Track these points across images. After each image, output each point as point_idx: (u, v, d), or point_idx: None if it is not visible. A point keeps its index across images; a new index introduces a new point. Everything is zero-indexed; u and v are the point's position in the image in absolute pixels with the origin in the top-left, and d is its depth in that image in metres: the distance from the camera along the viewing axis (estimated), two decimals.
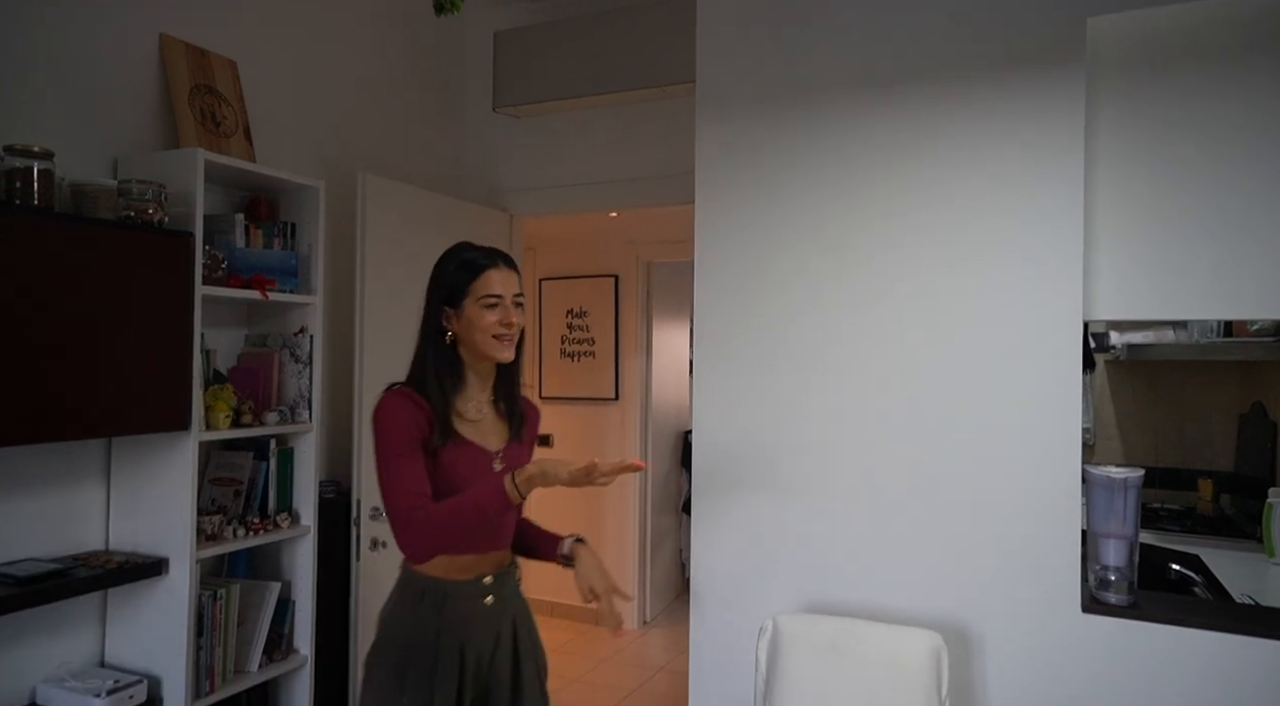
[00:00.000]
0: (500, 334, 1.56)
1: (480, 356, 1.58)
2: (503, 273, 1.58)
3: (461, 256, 1.60)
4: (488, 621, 1.57)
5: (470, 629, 1.54)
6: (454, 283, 1.57)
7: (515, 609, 1.64)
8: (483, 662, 1.56)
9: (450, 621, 1.53)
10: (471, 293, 1.56)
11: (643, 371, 4.77)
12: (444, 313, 1.58)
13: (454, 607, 1.53)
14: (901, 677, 1.63)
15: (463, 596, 1.55)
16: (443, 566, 1.55)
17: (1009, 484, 1.80)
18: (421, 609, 1.53)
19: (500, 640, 1.59)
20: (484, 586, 1.57)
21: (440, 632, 1.52)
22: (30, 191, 1.68)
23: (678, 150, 3.07)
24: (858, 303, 1.97)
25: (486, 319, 1.55)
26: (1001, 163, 1.84)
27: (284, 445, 2.36)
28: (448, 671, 1.50)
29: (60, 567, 1.83)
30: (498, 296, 1.56)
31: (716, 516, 2.12)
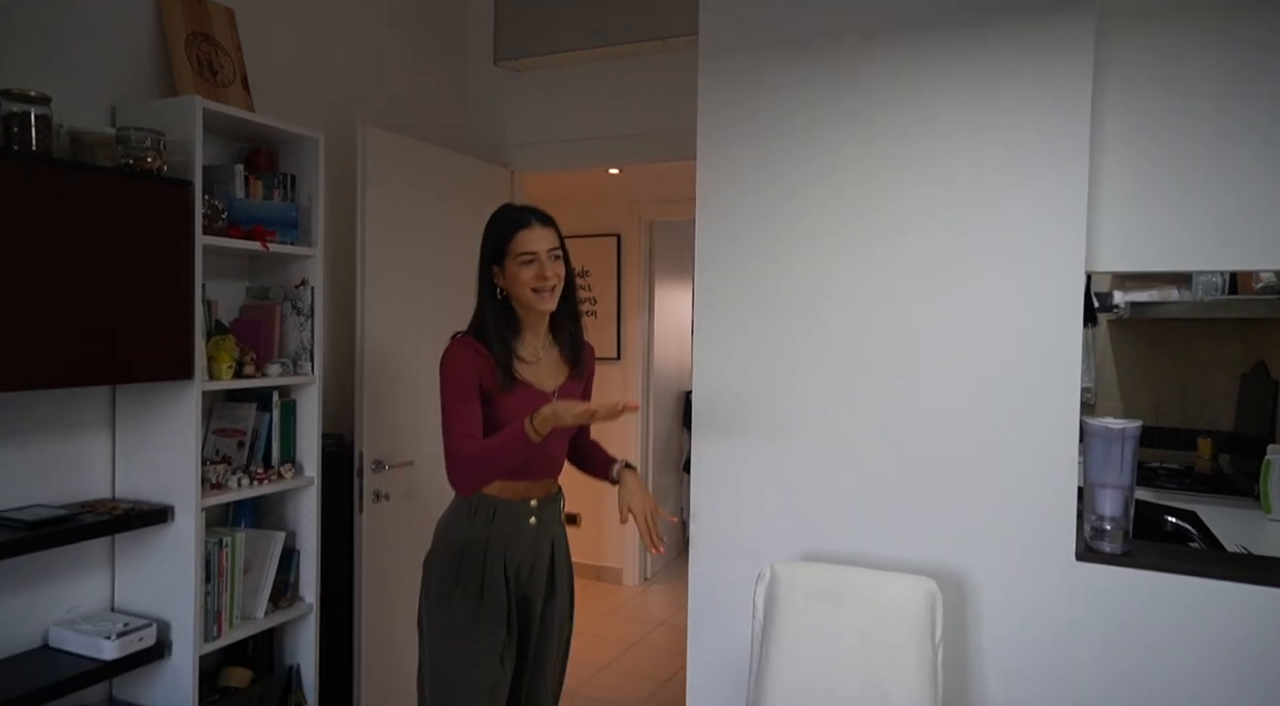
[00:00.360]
0: (538, 288, 1.74)
1: (526, 307, 1.78)
2: (535, 230, 1.76)
3: (499, 218, 1.81)
4: (530, 537, 1.80)
5: (514, 540, 1.78)
6: (495, 243, 1.78)
7: (555, 532, 1.88)
8: (523, 571, 1.80)
9: (497, 532, 1.76)
10: (510, 251, 1.75)
11: (645, 331, 4.77)
12: (493, 270, 1.79)
13: (501, 522, 1.77)
14: (896, 622, 1.66)
15: (510, 514, 1.78)
16: (497, 487, 1.78)
17: (1007, 435, 1.81)
18: (474, 520, 1.76)
19: (539, 556, 1.82)
20: (530, 507, 1.81)
21: (489, 540, 1.75)
22: (28, 137, 1.66)
23: (680, 105, 3.02)
24: (857, 253, 1.96)
25: (524, 275, 1.74)
26: (1007, 114, 1.81)
27: (286, 397, 2.37)
28: (495, 569, 1.75)
29: (67, 514, 1.86)
30: (532, 253, 1.74)
31: (715, 467, 2.14)
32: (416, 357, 2.75)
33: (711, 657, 2.12)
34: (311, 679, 2.37)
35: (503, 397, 1.74)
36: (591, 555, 4.74)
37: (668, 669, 3.60)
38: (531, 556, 1.82)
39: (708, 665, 2.13)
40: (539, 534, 1.83)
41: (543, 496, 1.84)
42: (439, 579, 1.77)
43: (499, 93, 3.36)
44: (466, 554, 1.75)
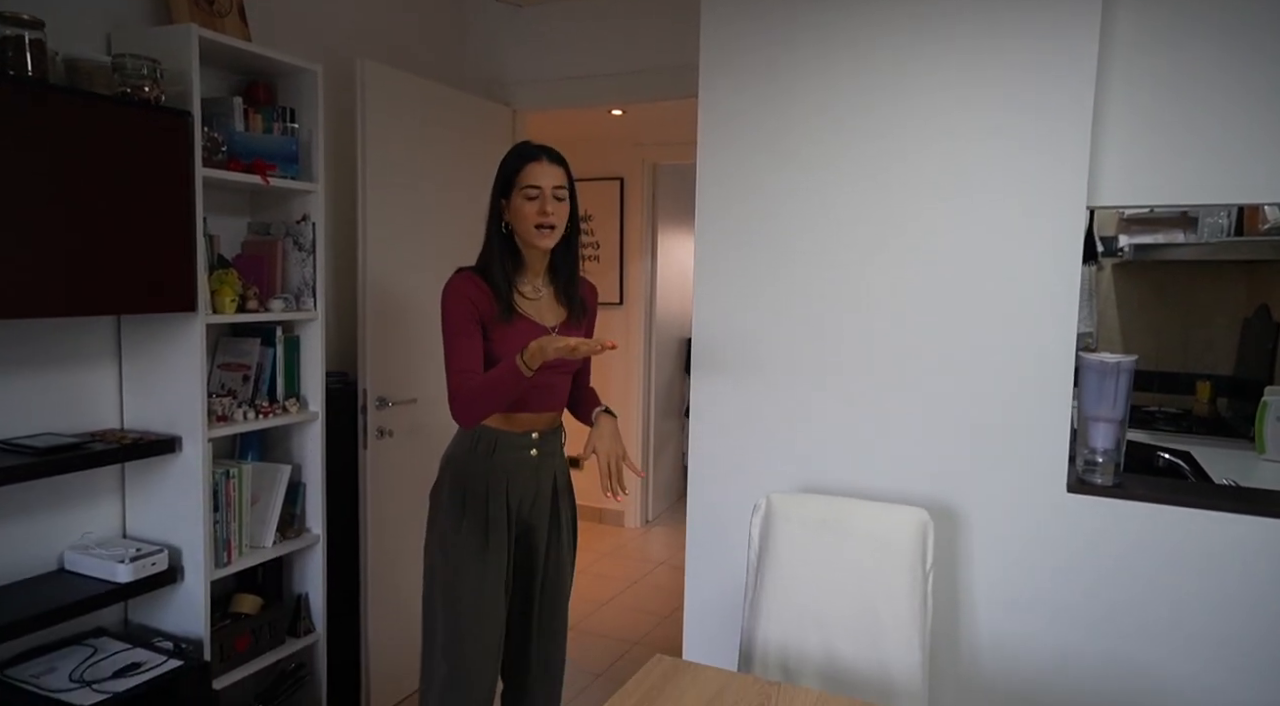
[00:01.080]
0: (539, 224, 1.74)
1: (528, 244, 1.78)
2: (544, 165, 1.75)
3: (512, 152, 1.80)
4: (531, 469, 1.84)
5: (516, 472, 1.82)
6: (505, 176, 1.78)
7: (556, 465, 1.91)
8: (525, 502, 1.84)
9: (499, 464, 1.80)
10: (517, 184, 1.75)
11: (647, 277, 4.77)
12: (500, 204, 1.79)
13: (503, 454, 1.80)
14: (887, 551, 1.70)
15: (511, 446, 1.81)
16: (498, 420, 1.81)
17: (1002, 369, 1.82)
18: (476, 452, 1.80)
19: (541, 487, 1.86)
20: (531, 440, 1.84)
21: (491, 471, 1.79)
22: (23, 62, 1.65)
23: (683, 42, 2.98)
24: (855, 188, 1.95)
25: (527, 208, 1.74)
26: (1011, 46, 1.78)
27: (290, 333, 2.39)
28: (498, 500, 1.79)
29: (77, 441, 1.90)
30: (537, 188, 1.73)
31: (714, 402, 2.16)
32: (419, 295, 2.77)
33: (708, 587, 2.18)
34: (319, 606, 2.44)
35: (502, 330, 1.76)
36: (594, 497, 4.81)
37: (667, 605, 3.69)
38: (534, 487, 1.85)
39: (704, 595, 2.19)
40: (540, 466, 1.85)
41: (544, 429, 1.86)
42: (446, 511, 1.81)
43: (500, 29, 3.30)
44: (470, 486, 1.79)
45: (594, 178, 4.73)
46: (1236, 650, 1.67)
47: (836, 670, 1.69)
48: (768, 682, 1.44)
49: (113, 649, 1.97)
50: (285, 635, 2.38)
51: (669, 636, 3.37)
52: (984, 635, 1.87)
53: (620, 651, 3.24)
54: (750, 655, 1.77)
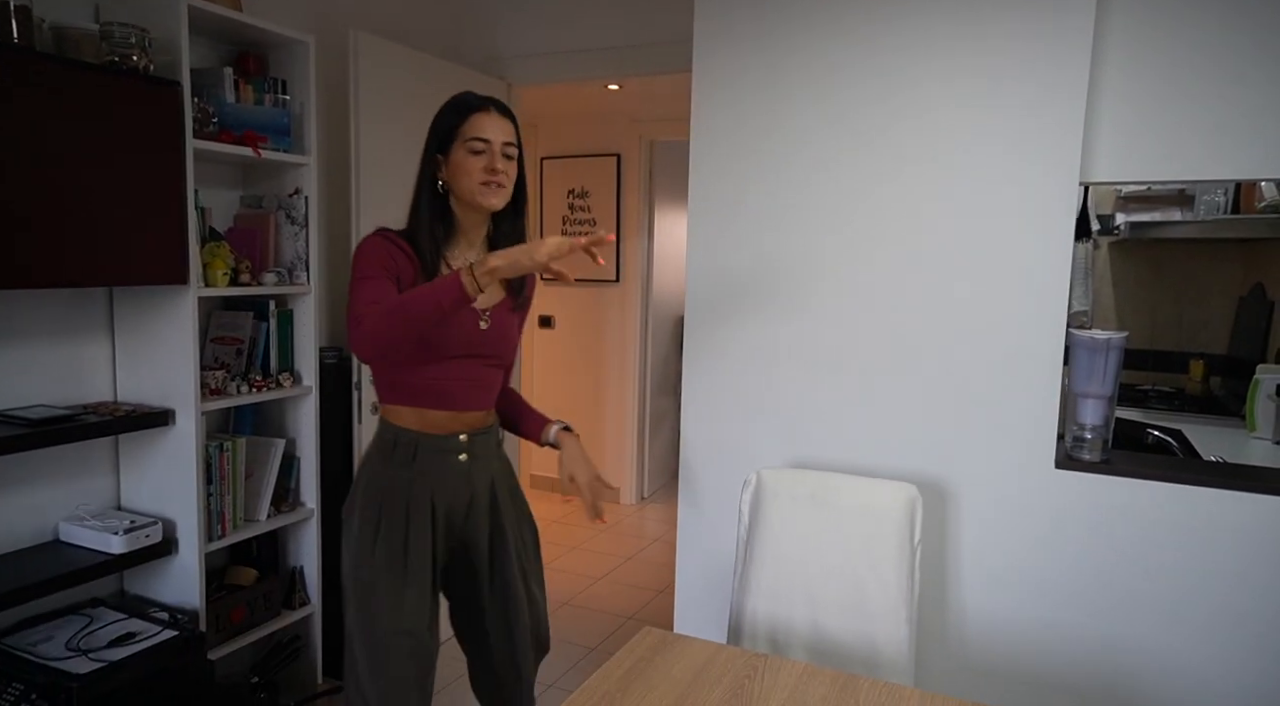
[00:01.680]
0: (486, 181, 1.50)
1: (470, 206, 1.54)
2: (493, 117, 1.52)
3: (452, 101, 1.55)
4: (461, 477, 1.57)
5: (442, 482, 1.55)
6: (445, 127, 1.53)
7: (494, 469, 1.63)
8: (455, 518, 1.58)
9: (421, 472, 1.53)
10: (459, 136, 1.51)
11: (644, 254, 4.75)
12: (436, 161, 1.55)
13: (425, 460, 1.54)
14: (876, 525, 1.71)
15: (434, 450, 1.55)
16: (416, 420, 1.55)
17: (992, 345, 1.82)
18: (394, 459, 1.54)
19: (475, 499, 1.59)
20: (458, 442, 1.57)
21: (412, 482, 1.53)
22: (8, 28, 1.63)
23: (680, 16, 2.95)
24: (845, 161, 1.94)
25: (472, 163, 1.50)
26: (1008, 18, 1.76)
27: (283, 307, 2.39)
28: (420, 522, 1.52)
29: (70, 413, 1.90)
30: (484, 141, 1.50)
31: (705, 378, 2.16)
32: None
33: (699, 562, 2.19)
34: (314, 579, 2.46)
35: None
36: None
37: (661, 581, 3.72)
38: (466, 497, 1.58)
39: (696, 569, 2.20)
40: (472, 471, 1.58)
41: (474, 429, 1.59)
42: (360, 527, 1.53)
43: (495, 2, 3.26)
44: (387, 499, 1.52)
45: (591, 154, 4.71)
46: (1222, 625, 1.69)
47: (824, 643, 1.70)
48: (755, 655, 1.46)
49: (109, 618, 1.98)
50: (280, 607, 2.40)
51: (663, 611, 3.40)
52: (970, 609, 1.89)
53: (614, 626, 3.28)
54: (739, 628, 1.78)
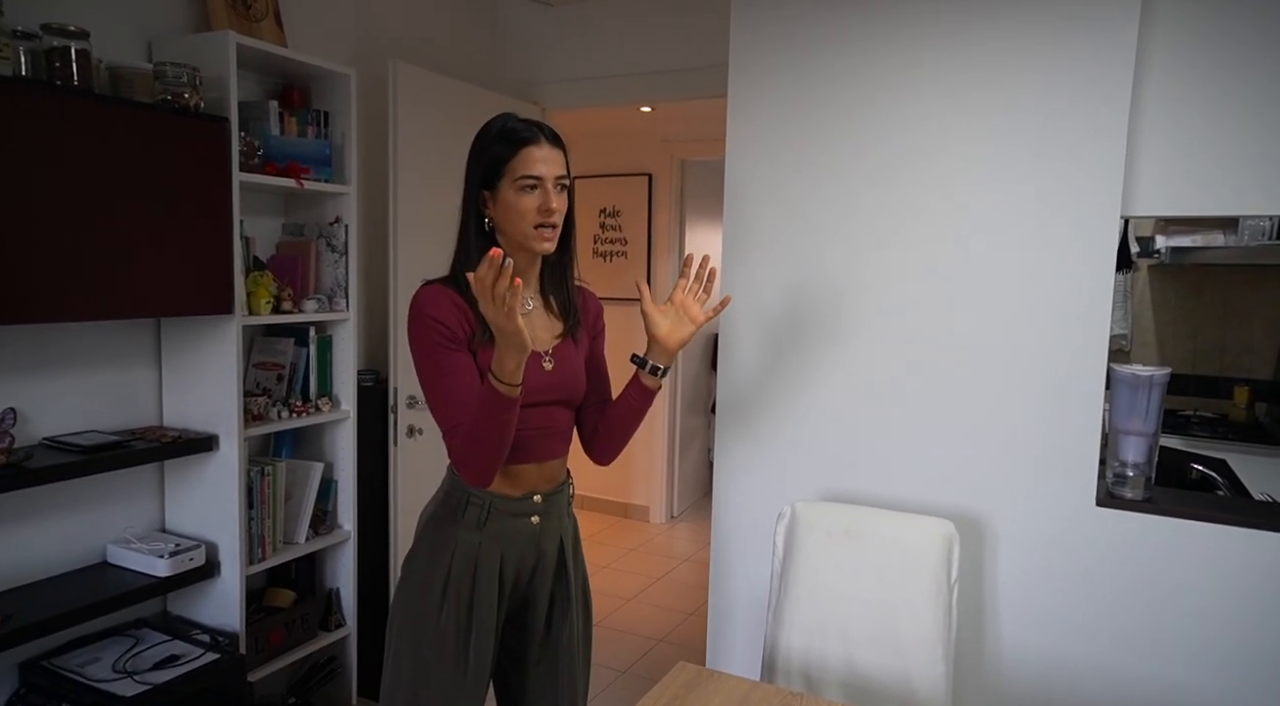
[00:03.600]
0: (542, 222, 1.39)
1: (519, 247, 1.43)
2: (544, 149, 1.39)
3: (499, 128, 1.41)
4: (532, 541, 1.48)
5: (512, 545, 1.47)
6: (490, 161, 1.40)
7: (563, 526, 1.54)
8: (521, 579, 1.50)
9: (491, 536, 1.45)
10: (508, 173, 1.38)
11: (675, 272, 4.77)
12: (481, 197, 1.43)
13: (497, 523, 1.45)
14: (912, 562, 1.70)
15: (508, 513, 1.46)
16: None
17: (1032, 379, 1.80)
18: (464, 521, 1.45)
19: (544, 554, 1.50)
20: (532, 504, 1.48)
21: (480, 546, 1.44)
22: (69, 72, 1.69)
23: (715, 41, 2.97)
24: (883, 189, 1.94)
25: (524, 204, 1.38)
26: (1049, 50, 1.75)
27: (323, 333, 2.44)
28: (488, 587, 1.44)
29: (120, 439, 1.95)
30: (536, 178, 1.37)
31: (739, 407, 2.17)
32: None
33: (732, 593, 2.19)
34: (350, 601, 2.49)
35: (483, 356, 1.37)
36: (619, 493, 4.85)
37: (692, 602, 3.71)
38: (534, 557, 1.50)
39: (728, 600, 2.20)
40: (543, 532, 1.50)
41: (547, 488, 1.50)
42: (422, 588, 1.44)
43: (530, 28, 3.31)
44: (455, 561, 1.43)
45: (622, 173, 4.74)
46: (1269, 671, 1.64)
47: (859, 680, 1.69)
48: (790, 693, 1.45)
49: (153, 640, 2.03)
50: (317, 629, 2.44)
51: (693, 634, 3.39)
52: (1009, 648, 1.86)
53: (644, 648, 3.27)
54: (773, 663, 1.78)
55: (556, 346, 1.50)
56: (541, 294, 1.53)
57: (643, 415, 1.55)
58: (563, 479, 1.55)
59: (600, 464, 1.59)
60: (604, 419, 1.55)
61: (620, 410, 1.54)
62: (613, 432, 1.55)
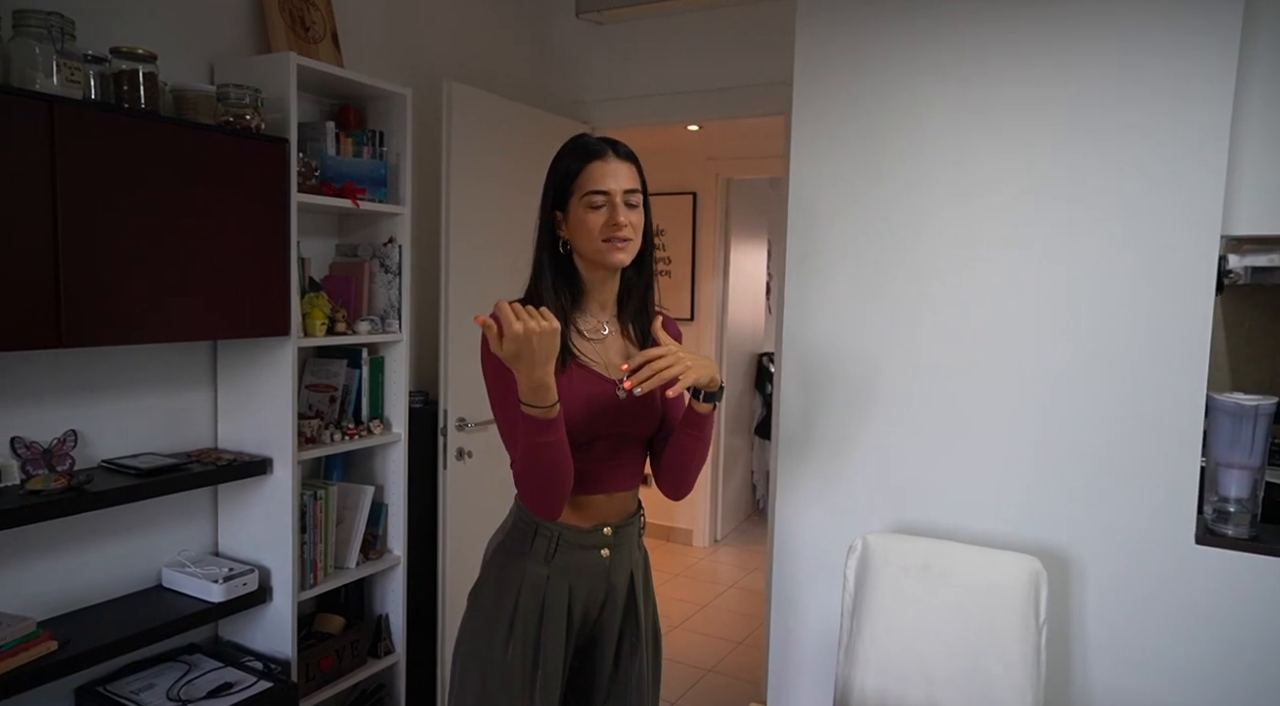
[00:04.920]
0: (610, 236, 1.35)
1: (593, 265, 1.40)
2: (611, 164, 1.37)
3: (569, 147, 1.41)
4: (601, 574, 1.43)
5: (581, 579, 1.41)
6: (560, 180, 1.40)
7: (634, 562, 1.48)
8: (590, 615, 1.44)
9: (559, 569, 1.40)
10: (577, 190, 1.37)
11: (719, 292, 4.71)
12: (555, 218, 1.41)
13: (565, 556, 1.40)
14: (997, 601, 1.60)
15: (577, 546, 1.40)
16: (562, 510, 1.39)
17: (1123, 407, 1.71)
18: (531, 553, 1.40)
19: (614, 589, 1.45)
20: (603, 537, 1.42)
21: (548, 579, 1.39)
22: (137, 94, 1.69)
23: (768, 59, 2.93)
24: (962, 208, 1.86)
25: (592, 220, 1.35)
26: (1141, 63, 1.67)
27: (375, 354, 2.41)
28: (556, 623, 1.39)
29: (176, 462, 1.94)
30: (603, 193, 1.35)
31: (800, 432, 2.09)
32: None
33: (795, 628, 2.10)
34: (400, 627, 2.45)
35: (562, 381, 1.32)
36: (663, 516, 4.77)
37: (740, 631, 3.62)
38: (603, 593, 1.44)
39: (791, 636, 2.11)
40: (613, 565, 1.44)
41: (618, 520, 1.44)
42: (488, 623, 1.41)
43: (579, 46, 3.30)
44: (523, 595, 1.39)
45: (667, 192, 4.70)
46: None
47: None
48: None
49: (206, 667, 2.00)
50: (367, 656, 2.39)
51: (744, 665, 3.29)
52: (1100, 693, 1.75)
53: (694, 678, 3.18)
54: (846, 703, 1.69)
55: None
56: (619, 319, 1.47)
57: (702, 443, 1.43)
58: (634, 510, 1.50)
59: (670, 499, 1.52)
60: (667, 451, 1.47)
61: (677, 438, 1.44)
62: (676, 465, 1.46)
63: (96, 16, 1.82)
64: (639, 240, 1.40)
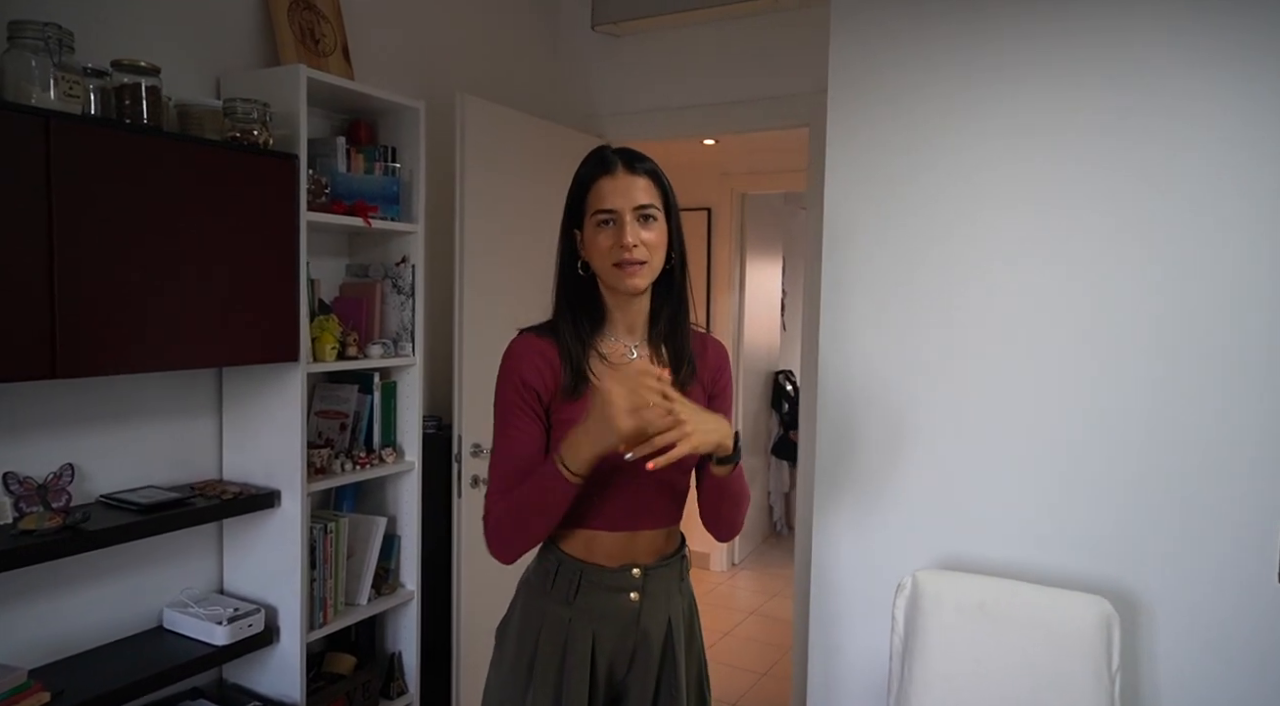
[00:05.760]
0: (620, 260, 1.25)
1: (610, 288, 1.30)
2: (620, 179, 1.26)
3: (583, 162, 1.32)
4: (629, 621, 1.30)
5: (606, 625, 1.29)
6: (573, 198, 1.31)
7: (672, 608, 1.33)
8: (618, 666, 1.31)
9: (582, 611, 1.29)
10: (588, 208, 1.28)
11: (735, 309, 4.61)
12: (574, 237, 1.32)
13: (588, 597, 1.29)
14: (1064, 646, 1.48)
15: (600, 586, 1.29)
16: (583, 546, 1.30)
17: (1198, 432, 1.58)
18: (552, 592, 1.31)
19: (644, 645, 1.31)
20: (630, 578, 1.30)
21: (571, 622, 1.29)
22: (139, 110, 1.60)
23: (787, 70, 2.83)
24: (1017, 219, 1.75)
25: (600, 241, 1.26)
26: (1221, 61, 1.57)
27: (387, 379, 2.31)
28: (578, 672, 1.27)
29: (179, 496, 1.83)
30: (609, 211, 1.25)
31: (839, 458, 1.97)
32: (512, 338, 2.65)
33: (837, 670, 1.97)
34: (413, 666, 2.33)
35: (570, 410, 1.26)
36: None
37: (763, 662, 3.48)
38: (632, 643, 1.30)
39: (832, 679, 1.98)
40: (644, 612, 1.30)
41: (649, 561, 1.32)
42: (511, 663, 1.33)
43: (594, 59, 3.21)
44: (544, 637, 1.29)
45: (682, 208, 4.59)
46: None
47: None
48: None
49: None
50: (379, 697, 2.27)
51: (769, 698, 3.16)
52: None
53: None
54: None
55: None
56: (649, 342, 1.36)
57: (728, 500, 1.32)
58: (670, 551, 1.36)
59: (718, 540, 1.40)
60: (700, 500, 1.35)
61: (705, 492, 1.33)
62: (713, 517, 1.35)
63: (97, 28, 1.73)
64: (657, 260, 1.29)
